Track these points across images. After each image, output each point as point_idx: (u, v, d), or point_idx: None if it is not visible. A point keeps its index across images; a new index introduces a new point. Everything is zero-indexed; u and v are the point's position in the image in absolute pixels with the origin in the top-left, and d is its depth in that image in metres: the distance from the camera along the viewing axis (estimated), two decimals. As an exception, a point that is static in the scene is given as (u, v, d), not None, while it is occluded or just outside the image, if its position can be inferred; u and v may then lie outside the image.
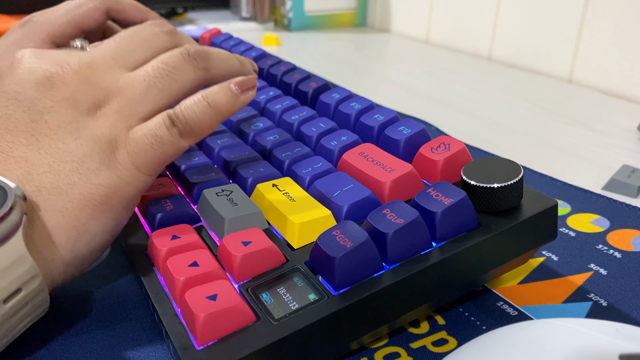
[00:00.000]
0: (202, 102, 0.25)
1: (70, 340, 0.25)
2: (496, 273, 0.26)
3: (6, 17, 0.83)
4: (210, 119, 0.26)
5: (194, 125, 0.25)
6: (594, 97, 0.60)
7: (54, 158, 0.24)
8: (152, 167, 0.25)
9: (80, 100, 0.25)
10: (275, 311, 0.22)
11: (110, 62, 0.26)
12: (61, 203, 0.23)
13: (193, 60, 0.27)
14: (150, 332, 0.25)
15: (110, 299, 0.27)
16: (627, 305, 0.27)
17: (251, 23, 0.99)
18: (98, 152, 0.24)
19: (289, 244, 0.26)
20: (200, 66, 0.28)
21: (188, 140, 0.25)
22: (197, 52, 0.28)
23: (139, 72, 0.26)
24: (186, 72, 0.27)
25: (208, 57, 0.28)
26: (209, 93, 0.26)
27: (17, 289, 0.21)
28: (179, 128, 0.25)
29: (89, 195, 0.24)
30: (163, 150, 0.25)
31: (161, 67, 0.26)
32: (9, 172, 0.23)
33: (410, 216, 0.24)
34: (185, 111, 0.25)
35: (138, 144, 0.24)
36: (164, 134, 0.25)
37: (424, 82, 0.66)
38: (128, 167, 0.24)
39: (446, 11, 0.84)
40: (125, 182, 0.24)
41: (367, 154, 0.30)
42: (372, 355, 0.24)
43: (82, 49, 0.29)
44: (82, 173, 0.24)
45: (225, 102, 0.26)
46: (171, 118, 0.25)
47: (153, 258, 0.26)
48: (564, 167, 0.43)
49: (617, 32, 0.61)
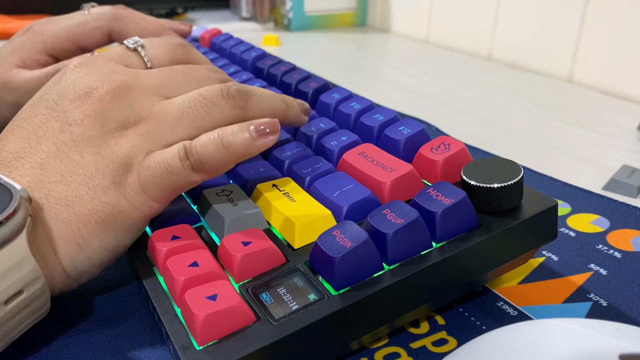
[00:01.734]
0: (216, 141, 0.25)
1: (70, 340, 0.25)
2: (496, 273, 0.26)
3: (6, 17, 0.83)
4: (222, 159, 0.25)
5: (205, 163, 0.25)
6: (594, 97, 0.60)
7: (67, 168, 0.24)
8: (160, 195, 0.25)
9: (110, 118, 0.25)
10: (275, 311, 0.22)
11: (152, 89, 0.27)
12: (66, 214, 0.23)
13: (231, 99, 0.27)
14: (150, 332, 0.25)
15: (110, 299, 0.27)
16: (627, 305, 0.27)
17: (251, 23, 0.99)
18: (111, 171, 0.24)
19: (289, 244, 0.26)
20: (238, 105, 0.27)
21: (200, 176, 0.25)
22: (238, 91, 0.27)
23: (175, 100, 0.26)
24: (222, 109, 0.26)
25: (248, 97, 0.28)
26: (225, 132, 0.25)
27: (19, 291, 0.21)
28: (191, 162, 0.24)
29: (93, 211, 0.24)
30: (172, 180, 0.24)
31: (197, 99, 0.26)
32: (22, 177, 0.24)
33: (410, 216, 0.24)
34: (199, 147, 0.24)
35: (150, 169, 0.24)
36: (176, 164, 0.24)
37: (424, 82, 0.66)
38: (136, 190, 0.24)
39: (446, 11, 0.84)
40: (131, 205, 0.24)
41: (367, 154, 0.30)
42: (372, 355, 0.24)
43: (135, 51, 0.29)
44: (91, 188, 0.24)
45: (239, 145, 0.25)
46: (186, 150, 0.24)
47: (153, 258, 0.26)
48: (564, 167, 0.43)
49: (617, 32, 0.61)
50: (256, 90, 0.28)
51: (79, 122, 0.25)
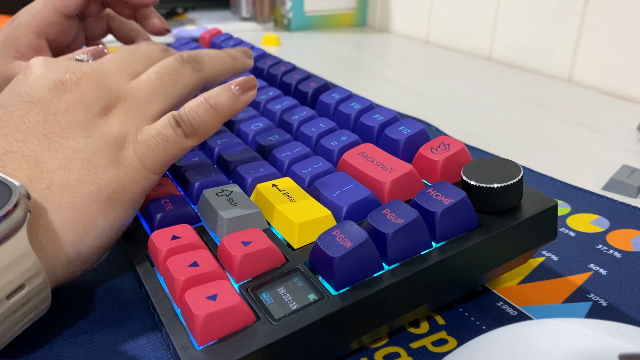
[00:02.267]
0: (204, 104, 0.26)
1: (70, 340, 0.25)
2: (496, 273, 0.26)
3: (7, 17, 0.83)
4: (212, 120, 0.27)
5: (197, 126, 0.26)
6: (594, 97, 0.60)
7: (64, 156, 0.25)
8: (158, 165, 0.26)
9: (92, 103, 0.26)
10: (275, 311, 0.22)
11: (117, 69, 0.28)
12: (70, 199, 0.24)
13: (187, 63, 0.30)
14: (150, 332, 0.25)
15: (110, 299, 0.27)
16: (627, 305, 0.27)
17: (251, 23, 0.99)
18: (107, 150, 0.25)
19: (289, 244, 0.26)
20: (195, 68, 0.30)
21: (192, 140, 0.27)
22: (189, 56, 0.30)
23: (143, 77, 0.28)
24: (184, 74, 0.29)
25: (199, 58, 0.31)
26: (211, 95, 0.27)
27: (20, 285, 0.21)
28: (183, 129, 0.26)
29: (97, 190, 0.24)
30: (168, 149, 0.26)
31: (161, 71, 0.29)
32: (20, 171, 0.24)
33: (410, 216, 0.24)
34: (189, 112, 0.26)
35: (145, 142, 0.26)
36: (170, 133, 0.26)
37: (424, 82, 0.66)
38: (135, 164, 0.25)
39: (446, 11, 0.84)
40: (132, 179, 0.25)
41: (367, 154, 0.30)
42: (372, 355, 0.24)
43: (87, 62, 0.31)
44: (91, 169, 0.25)
45: (226, 103, 0.27)
46: (176, 119, 0.26)
47: (153, 258, 0.26)
48: (564, 167, 0.43)
49: (617, 32, 0.61)
50: (204, 52, 0.32)
51: (62, 111, 0.26)
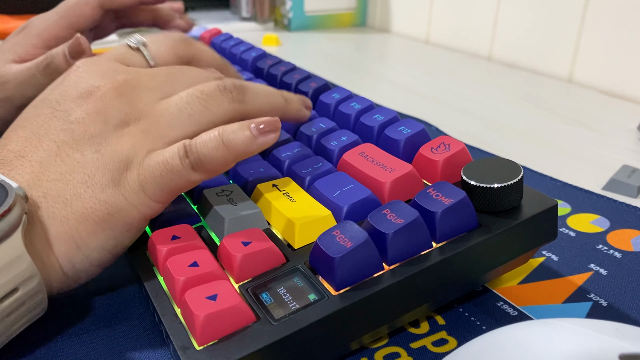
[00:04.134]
0: (216, 139, 0.24)
1: (70, 340, 0.25)
2: (496, 273, 0.26)
3: (7, 17, 0.83)
4: (223, 157, 0.24)
5: (206, 161, 0.24)
6: (594, 97, 0.60)
7: (67, 167, 0.24)
8: (159, 194, 0.25)
9: (112, 116, 0.25)
10: (275, 311, 0.22)
11: (153, 87, 0.27)
12: (64, 213, 0.23)
13: (228, 93, 0.27)
14: (150, 332, 0.25)
15: (110, 299, 0.27)
16: (627, 305, 0.27)
17: (251, 23, 0.99)
18: (111, 170, 0.24)
19: (289, 244, 0.26)
20: (235, 99, 0.27)
21: (199, 175, 0.25)
22: (234, 85, 0.27)
23: (174, 97, 0.27)
24: (220, 103, 0.27)
25: (245, 90, 0.28)
26: (226, 130, 0.25)
27: (14, 288, 0.21)
28: (190, 160, 0.24)
29: (91, 209, 0.24)
30: (172, 179, 0.24)
31: (195, 94, 0.26)
32: (21, 175, 0.24)
33: (410, 216, 0.24)
34: (199, 145, 0.24)
35: (150, 168, 0.24)
36: (176, 163, 0.24)
37: (424, 82, 0.66)
38: (135, 189, 0.24)
39: (446, 11, 0.84)
40: (130, 204, 0.24)
41: (367, 154, 0.30)
42: (372, 355, 0.24)
43: (138, 50, 0.30)
44: (90, 187, 0.24)
45: (240, 143, 0.24)
46: (186, 149, 0.24)
47: (153, 258, 0.26)
48: (564, 167, 0.43)
49: (617, 32, 0.61)
50: (253, 85, 0.29)
51: (80, 121, 0.25)
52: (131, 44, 0.29)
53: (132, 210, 0.24)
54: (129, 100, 0.26)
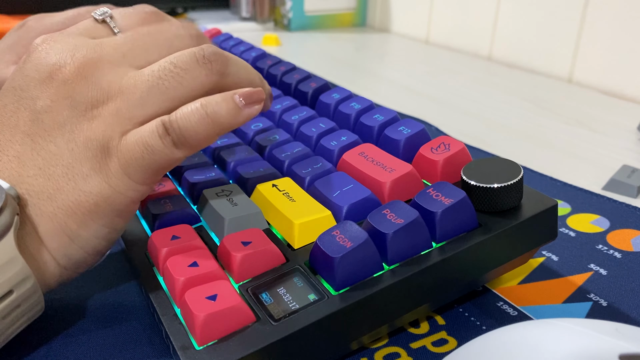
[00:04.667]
0: (199, 111, 0.23)
1: (70, 340, 0.25)
2: (496, 273, 0.26)
3: (6, 17, 0.83)
4: (207, 131, 0.23)
5: (189, 136, 0.23)
6: (594, 97, 0.60)
7: (44, 161, 0.23)
8: (144, 177, 0.23)
9: (79, 100, 0.23)
10: (275, 311, 0.22)
11: (119, 59, 0.25)
12: (50, 208, 0.23)
13: (207, 63, 0.24)
14: (150, 332, 0.25)
15: (110, 299, 0.27)
16: (627, 305, 0.27)
17: (251, 23, 0.99)
18: (89, 158, 0.23)
19: (289, 244, 0.26)
20: (215, 69, 0.25)
21: (183, 151, 0.23)
22: (214, 54, 0.25)
23: (144, 71, 0.24)
24: (196, 76, 0.24)
25: (227, 61, 0.25)
26: (209, 102, 0.23)
27: (8, 291, 0.21)
28: (172, 137, 0.23)
29: (77, 202, 0.23)
30: (154, 160, 0.23)
31: (168, 67, 0.24)
32: (1, 172, 0.23)
33: (410, 216, 0.24)
34: (181, 119, 0.23)
35: (129, 151, 0.23)
36: (156, 143, 0.23)
37: (424, 82, 0.66)
38: (119, 175, 0.23)
39: (446, 11, 0.84)
40: (116, 191, 0.23)
41: (367, 154, 0.30)
42: (372, 355, 0.24)
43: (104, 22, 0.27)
44: (71, 179, 0.23)
45: (225, 114, 0.23)
46: (165, 126, 0.23)
47: (153, 258, 0.26)
48: (564, 167, 0.43)
49: (617, 32, 0.61)
50: (234, 57, 0.26)
51: (47, 109, 0.23)
52: (96, 16, 0.27)
53: (119, 196, 0.23)
54: (94, 80, 0.24)
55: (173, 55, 0.25)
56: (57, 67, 0.24)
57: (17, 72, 0.25)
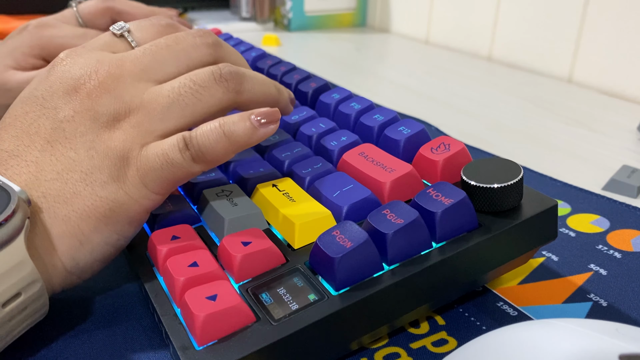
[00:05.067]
0: (217, 130, 0.24)
1: (70, 340, 0.25)
2: (496, 273, 0.26)
3: (7, 18, 0.83)
4: (224, 149, 0.25)
5: (207, 153, 0.24)
6: (593, 97, 0.60)
7: (63, 166, 0.24)
8: (161, 187, 0.25)
9: (101, 113, 0.25)
10: (275, 311, 0.22)
11: (139, 74, 0.26)
12: (65, 212, 0.23)
13: (224, 82, 0.26)
14: (150, 332, 0.25)
15: (110, 299, 0.27)
16: (627, 305, 0.27)
17: (251, 23, 0.99)
18: (108, 166, 0.24)
19: (289, 244, 0.26)
20: (231, 88, 0.26)
21: (200, 166, 0.25)
22: (230, 73, 0.26)
23: (165, 86, 0.26)
24: (214, 93, 0.26)
25: (242, 79, 0.27)
26: (226, 122, 0.25)
27: (16, 293, 0.21)
28: (191, 152, 0.24)
29: (92, 206, 0.24)
30: (173, 172, 0.24)
31: (188, 84, 0.26)
32: (19, 176, 0.23)
33: (410, 216, 0.24)
34: (200, 137, 0.24)
35: (149, 162, 0.24)
36: (176, 156, 0.24)
37: (424, 82, 0.66)
38: (136, 184, 0.24)
39: (446, 11, 0.84)
40: (131, 199, 0.24)
41: (367, 154, 0.30)
42: (372, 355, 0.24)
43: (122, 37, 0.28)
44: (89, 184, 0.24)
45: (241, 134, 0.25)
46: (185, 141, 0.24)
47: (153, 258, 0.26)
48: (564, 167, 0.43)
49: (617, 32, 0.61)
50: (249, 73, 0.28)
51: (69, 119, 0.25)
52: (115, 31, 0.28)
53: (134, 204, 0.24)
54: (116, 94, 0.25)
55: (192, 73, 0.26)
56: (82, 81, 0.25)
57: (40, 82, 0.26)
